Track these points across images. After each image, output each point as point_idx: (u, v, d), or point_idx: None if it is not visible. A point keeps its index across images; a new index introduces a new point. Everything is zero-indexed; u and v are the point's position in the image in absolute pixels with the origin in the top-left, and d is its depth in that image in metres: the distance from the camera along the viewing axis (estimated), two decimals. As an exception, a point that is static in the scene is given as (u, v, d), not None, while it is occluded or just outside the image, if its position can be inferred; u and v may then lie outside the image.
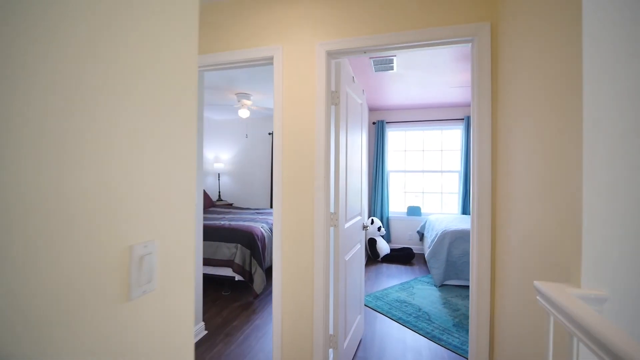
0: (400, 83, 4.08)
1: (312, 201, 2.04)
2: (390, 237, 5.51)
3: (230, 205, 5.99)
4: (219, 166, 6.25)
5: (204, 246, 3.37)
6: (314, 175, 2.04)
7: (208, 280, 3.66)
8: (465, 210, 5.13)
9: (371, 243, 4.84)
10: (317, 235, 1.99)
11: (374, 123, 5.50)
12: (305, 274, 2.02)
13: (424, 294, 3.57)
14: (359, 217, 2.54)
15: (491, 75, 1.74)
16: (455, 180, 5.41)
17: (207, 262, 3.34)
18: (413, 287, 3.76)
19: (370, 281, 4.01)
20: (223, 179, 6.51)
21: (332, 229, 2.05)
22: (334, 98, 2.07)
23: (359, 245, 2.54)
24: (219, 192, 6.44)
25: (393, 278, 4.12)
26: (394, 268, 4.56)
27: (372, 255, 4.84)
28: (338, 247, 2.00)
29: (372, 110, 5.58)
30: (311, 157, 2.06)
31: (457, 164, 5.37)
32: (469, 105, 5.10)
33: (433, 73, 3.68)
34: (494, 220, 1.79)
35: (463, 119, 5.17)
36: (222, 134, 6.50)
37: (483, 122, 1.77)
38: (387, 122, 5.48)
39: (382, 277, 4.16)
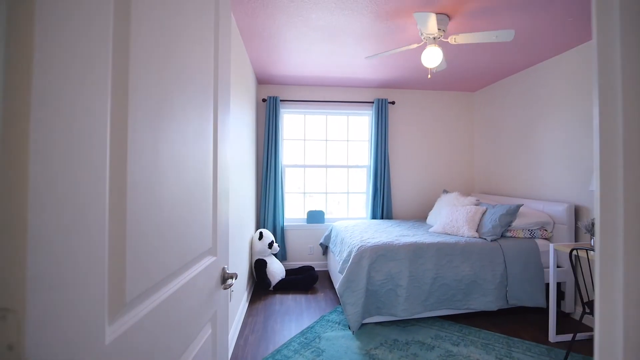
0: (300, 44, 2.78)
1: None
2: (286, 254, 4.16)
3: None
4: None
5: None
6: None
7: None
8: (375, 214, 4.21)
9: (259, 267, 3.38)
10: None
11: (264, 100, 4.07)
12: None
13: (337, 348, 2.32)
14: (208, 260, 1.02)
15: None
16: (363, 178, 4.46)
17: None
18: (320, 338, 2.48)
19: (257, 334, 2.55)
20: None
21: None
22: None
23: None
24: None
25: (291, 321, 2.77)
26: (291, 301, 3.21)
27: (260, 285, 3.38)
28: None
29: (262, 82, 4.13)
30: None
31: (366, 157, 4.43)
32: (380, 86, 4.21)
33: (344, 28, 2.49)
34: None
35: (372, 103, 4.25)
36: None
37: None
38: (282, 101, 4.13)
39: (275, 321, 2.76)
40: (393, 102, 4.27)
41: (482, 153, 4.31)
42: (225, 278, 0.99)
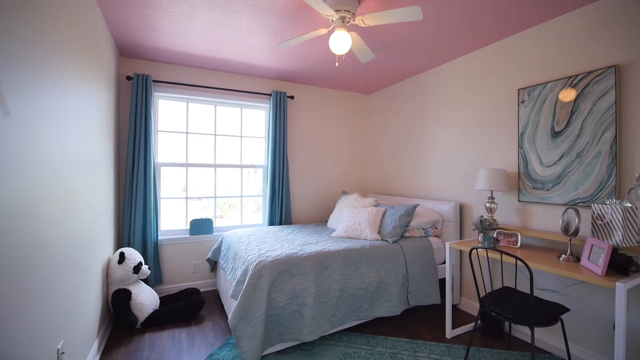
0: (178, 6, 2.11)
1: None
2: (162, 276, 3.30)
3: None
4: None
5: None
6: None
7: None
8: (273, 220, 3.77)
9: (119, 300, 2.49)
10: None
11: (129, 78, 3.12)
12: None
13: (230, 400, 1.78)
14: None
15: None
16: (260, 179, 3.97)
17: None
18: (207, 389, 1.88)
19: (107, 405, 1.76)
20: None
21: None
22: None
23: None
24: None
25: (164, 372, 2.06)
26: (166, 339, 2.46)
27: (122, 323, 2.49)
28: None
29: (127, 54, 3.17)
30: None
31: (262, 156, 3.95)
32: (280, 78, 3.80)
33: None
34: None
35: (270, 95, 3.81)
36: None
37: None
38: (155, 82, 3.26)
39: (140, 378, 2.00)
40: (292, 97, 3.93)
41: (377, 154, 4.41)
42: None
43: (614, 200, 1.88)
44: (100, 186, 2.36)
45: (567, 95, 2.21)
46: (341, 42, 2.13)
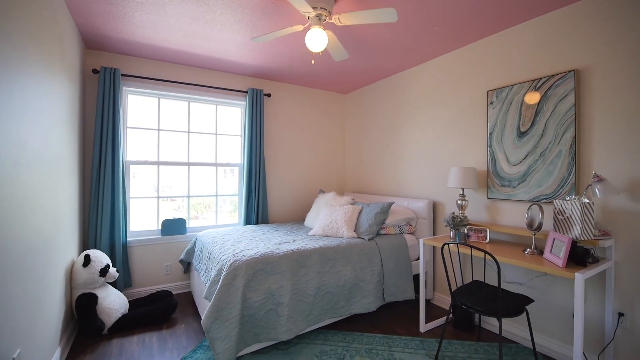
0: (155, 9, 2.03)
1: None
2: (132, 279, 3.16)
3: None
4: None
5: None
6: None
7: None
8: (249, 220, 3.71)
9: (84, 304, 2.36)
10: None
11: (95, 71, 2.96)
12: None
13: (203, 404, 1.73)
14: None
15: None
16: (236, 178, 3.90)
17: None
18: (178, 394, 1.81)
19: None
20: None
21: None
22: None
23: None
24: None
25: (133, 378, 1.97)
26: (135, 344, 2.36)
27: (87, 329, 2.36)
28: None
29: (93, 46, 3.01)
30: None
31: (238, 154, 3.88)
32: (256, 75, 3.75)
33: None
34: None
35: (246, 92, 3.75)
36: None
37: None
38: (124, 75, 3.11)
39: (106, 386, 1.90)
40: (269, 95, 3.89)
41: (354, 153, 4.45)
42: None
43: (574, 196, 2.00)
44: (64, 185, 2.22)
45: (532, 97, 2.33)
46: (317, 40, 2.13)
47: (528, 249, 2.11)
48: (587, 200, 1.84)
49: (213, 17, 2.39)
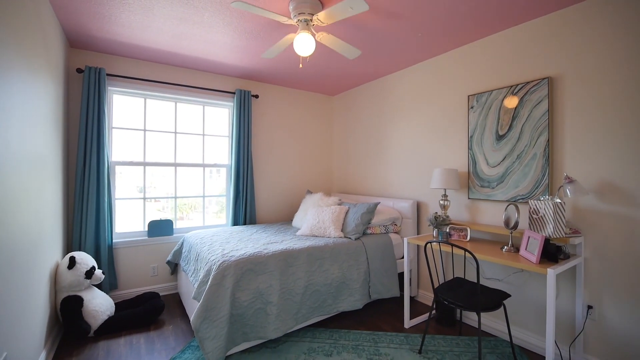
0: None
1: None
2: (118, 281, 3.13)
3: None
4: None
5: None
6: None
7: None
8: (237, 220, 3.72)
9: (69, 307, 2.34)
10: None
11: (80, 70, 2.92)
12: None
13: (193, 402, 1.76)
14: None
15: None
16: (223, 178, 3.90)
17: None
18: (167, 394, 1.83)
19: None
20: None
21: None
22: None
23: None
24: None
25: (121, 380, 1.97)
26: (123, 346, 2.35)
27: (73, 332, 2.34)
28: None
29: (78, 45, 2.96)
30: None
31: (226, 155, 3.89)
32: (244, 76, 3.76)
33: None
34: None
35: (234, 93, 3.76)
36: None
37: None
38: (110, 75, 3.08)
39: (94, 388, 1.90)
40: (257, 96, 3.91)
41: (340, 154, 4.52)
42: None
43: (547, 196, 2.12)
44: (47, 186, 2.20)
45: (509, 102, 2.45)
46: (305, 45, 2.18)
47: (505, 247, 2.22)
48: (559, 200, 1.97)
49: (201, 19, 2.40)
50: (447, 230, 2.59)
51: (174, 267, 3.33)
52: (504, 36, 2.51)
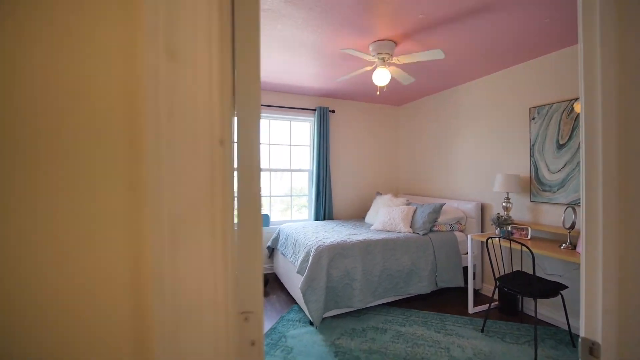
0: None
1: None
2: (232, 259, 4.07)
3: None
4: None
5: None
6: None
7: None
8: (318, 216, 4.45)
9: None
10: None
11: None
12: None
13: (304, 344, 2.47)
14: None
15: None
16: (305, 181, 4.66)
17: None
18: (285, 337, 2.58)
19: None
20: None
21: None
22: None
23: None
24: None
25: (251, 326, 2.78)
26: (245, 306, 3.20)
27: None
28: None
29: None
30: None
31: (307, 161, 4.65)
32: (323, 95, 4.47)
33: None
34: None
35: (315, 110, 4.49)
36: None
37: None
38: (225, 103, 4.02)
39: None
40: (333, 111, 4.59)
41: (406, 159, 4.98)
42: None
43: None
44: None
45: (569, 114, 2.70)
46: (382, 77, 2.76)
47: (563, 245, 2.52)
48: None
49: (300, 60, 3.13)
50: (509, 229, 2.93)
51: (271, 251, 4.18)
52: (565, 54, 2.76)
